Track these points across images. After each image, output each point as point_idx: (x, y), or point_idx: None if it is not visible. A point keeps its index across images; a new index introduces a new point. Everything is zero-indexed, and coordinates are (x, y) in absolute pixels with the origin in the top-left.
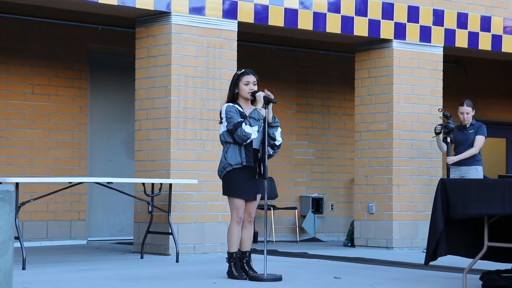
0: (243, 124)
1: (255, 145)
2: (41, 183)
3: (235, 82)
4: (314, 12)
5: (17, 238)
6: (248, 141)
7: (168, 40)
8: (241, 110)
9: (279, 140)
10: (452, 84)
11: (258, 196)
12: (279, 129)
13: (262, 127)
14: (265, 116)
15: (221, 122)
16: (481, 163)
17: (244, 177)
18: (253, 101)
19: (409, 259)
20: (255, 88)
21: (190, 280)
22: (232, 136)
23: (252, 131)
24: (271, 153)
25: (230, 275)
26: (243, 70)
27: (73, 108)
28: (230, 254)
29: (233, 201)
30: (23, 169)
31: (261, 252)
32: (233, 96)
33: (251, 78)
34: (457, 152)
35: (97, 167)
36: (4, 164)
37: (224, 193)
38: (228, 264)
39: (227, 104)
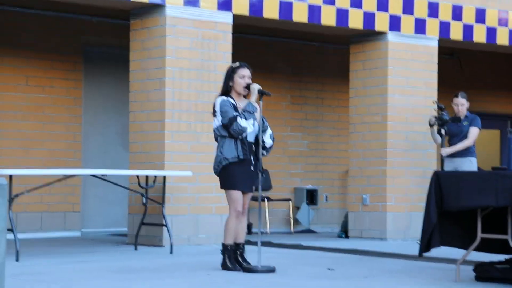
0: (238, 118)
1: (250, 138)
2: (36, 175)
3: (230, 75)
4: (309, 5)
5: (10, 230)
6: (244, 134)
7: (163, 32)
8: (234, 103)
9: (268, 142)
10: (447, 76)
11: (253, 188)
12: (268, 132)
13: (255, 120)
14: (260, 110)
15: (214, 115)
16: (475, 155)
17: (241, 169)
18: (247, 94)
19: (403, 251)
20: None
21: (184, 272)
22: (228, 130)
23: (248, 125)
24: (265, 154)
25: (224, 266)
26: (238, 64)
27: (68, 100)
28: (224, 246)
29: (231, 194)
30: (18, 161)
31: (255, 243)
32: (227, 89)
33: (247, 72)
34: (451, 144)
35: (91, 159)
36: None
37: (222, 187)
38: (222, 256)
39: (221, 98)
